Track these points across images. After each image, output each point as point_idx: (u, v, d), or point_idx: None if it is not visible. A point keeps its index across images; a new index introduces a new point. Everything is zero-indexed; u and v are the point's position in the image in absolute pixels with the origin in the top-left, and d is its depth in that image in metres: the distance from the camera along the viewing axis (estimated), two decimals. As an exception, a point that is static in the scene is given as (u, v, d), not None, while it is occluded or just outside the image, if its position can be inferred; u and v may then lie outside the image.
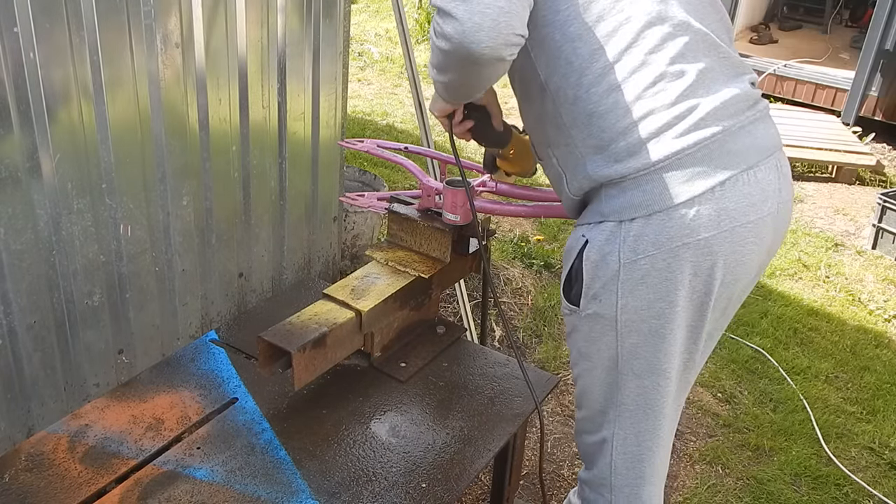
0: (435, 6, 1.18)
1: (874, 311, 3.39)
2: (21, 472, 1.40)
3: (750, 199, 1.30)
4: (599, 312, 1.37)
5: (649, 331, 1.35)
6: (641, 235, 1.29)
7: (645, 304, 1.33)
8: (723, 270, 1.32)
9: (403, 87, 6.00)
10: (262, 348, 1.49)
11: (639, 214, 1.28)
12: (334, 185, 2.66)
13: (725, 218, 1.28)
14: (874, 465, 2.50)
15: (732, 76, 1.32)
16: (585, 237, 1.35)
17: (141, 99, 1.87)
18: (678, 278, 1.30)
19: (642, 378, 1.40)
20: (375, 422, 1.57)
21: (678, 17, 1.28)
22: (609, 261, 1.32)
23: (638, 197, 1.28)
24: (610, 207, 1.31)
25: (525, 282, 3.37)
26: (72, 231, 1.82)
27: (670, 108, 1.25)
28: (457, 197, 1.67)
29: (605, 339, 1.39)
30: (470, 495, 2.24)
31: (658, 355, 1.37)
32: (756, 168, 1.30)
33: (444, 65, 1.25)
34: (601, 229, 1.33)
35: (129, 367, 2.10)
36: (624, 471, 1.49)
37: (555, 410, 2.65)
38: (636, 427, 1.45)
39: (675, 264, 1.29)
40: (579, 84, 1.28)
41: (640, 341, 1.36)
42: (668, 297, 1.32)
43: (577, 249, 1.37)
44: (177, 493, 1.37)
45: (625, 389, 1.42)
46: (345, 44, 2.47)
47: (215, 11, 1.98)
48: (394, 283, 1.68)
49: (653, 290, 1.31)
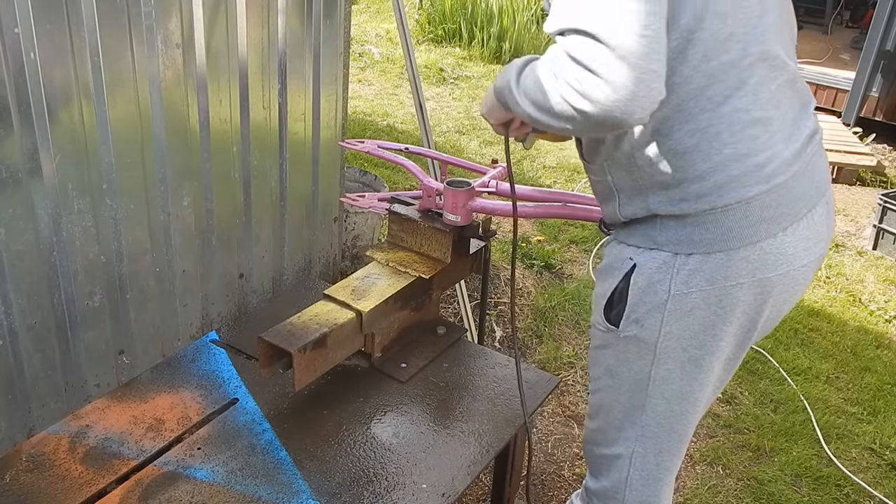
0: (574, 58, 1.04)
1: (875, 312, 3.39)
2: (22, 472, 1.40)
3: (806, 243, 1.29)
4: (640, 336, 1.34)
5: (688, 359, 1.33)
6: (697, 271, 1.26)
7: (689, 335, 1.31)
8: (770, 308, 1.31)
9: (404, 87, 6.00)
10: (262, 349, 1.49)
11: (697, 251, 1.25)
12: (335, 186, 2.66)
13: (783, 262, 1.27)
14: (875, 466, 2.50)
15: (803, 112, 1.29)
16: (633, 261, 1.31)
17: (141, 99, 1.87)
18: (728, 315, 1.29)
19: (671, 403, 1.38)
20: (376, 422, 1.57)
21: (773, 52, 1.22)
22: (658, 289, 1.29)
23: (699, 234, 1.24)
24: (666, 238, 1.27)
25: (525, 282, 3.37)
26: (72, 231, 1.82)
27: (751, 157, 1.21)
28: (457, 197, 1.67)
29: (641, 361, 1.36)
30: (470, 496, 2.24)
31: (692, 383, 1.36)
32: (813, 210, 1.29)
33: (567, 119, 1.10)
34: (653, 257, 1.29)
35: (130, 367, 2.10)
36: (640, 487, 1.48)
37: (555, 411, 2.65)
38: (657, 447, 1.44)
39: (726, 301, 1.27)
40: (665, 119, 1.20)
41: (677, 368, 1.35)
42: (713, 331, 1.30)
43: (622, 271, 1.33)
44: (177, 494, 1.37)
45: (651, 412, 1.40)
46: (345, 44, 2.47)
47: (216, 12, 1.98)
48: (394, 283, 1.68)
49: (699, 322, 1.29)
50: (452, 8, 7.33)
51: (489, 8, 7.19)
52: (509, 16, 7.07)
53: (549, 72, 1.09)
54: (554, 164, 4.78)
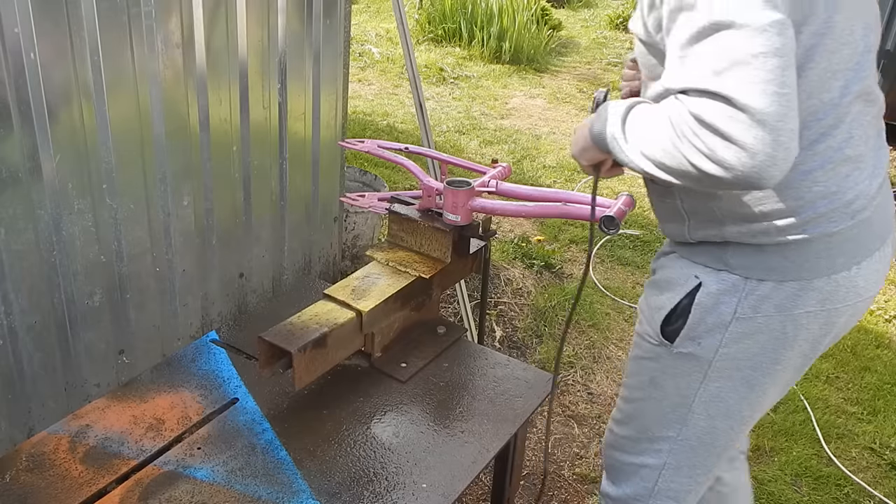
0: (704, 122, 0.97)
1: (875, 312, 3.39)
2: (22, 472, 1.40)
3: (876, 276, 1.29)
4: (694, 354, 1.32)
5: (741, 379, 1.31)
6: (767, 297, 1.24)
7: (746, 356, 1.29)
8: (832, 336, 1.31)
9: (404, 87, 6.00)
10: (262, 349, 1.49)
11: (771, 278, 1.23)
12: (335, 186, 2.66)
13: (853, 294, 1.26)
14: (875, 466, 2.50)
15: (880, 140, 1.27)
16: (699, 279, 1.28)
17: (142, 99, 1.87)
18: (791, 341, 1.27)
19: (715, 420, 1.36)
20: (376, 422, 1.57)
21: (870, 87, 1.19)
22: (722, 311, 1.27)
23: (776, 262, 1.22)
24: (738, 262, 1.25)
25: (525, 282, 3.37)
26: (72, 231, 1.82)
27: (840, 195, 1.19)
28: (457, 197, 1.67)
29: (689, 378, 1.34)
30: (470, 495, 2.24)
31: (742, 403, 1.34)
32: (884, 244, 1.29)
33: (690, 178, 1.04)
34: (721, 278, 1.26)
35: (130, 367, 2.10)
36: (666, 499, 1.46)
37: (555, 411, 2.65)
38: (691, 461, 1.42)
39: (791, 328, 1.25)
40: None
41: (727, 387, 1.33)
42: (773, 355, 1.28)
43: (686, 289, 1.30)
44: (177, 494, 1.37)
45: (692, 427, 1.38)
46: (345, 44, 2.47)
47: (216, 12, 1.98)
48: (394, 283, 1.68)
49: (760, 345, 1.27)
50: (452, 8, 7.33)
51: (489, 8, 7.19)
52: (509, 16, 7.07)
53: (671, 132, 1.03)
54: (554, 164, 4.78)
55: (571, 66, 7.32)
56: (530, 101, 6.15)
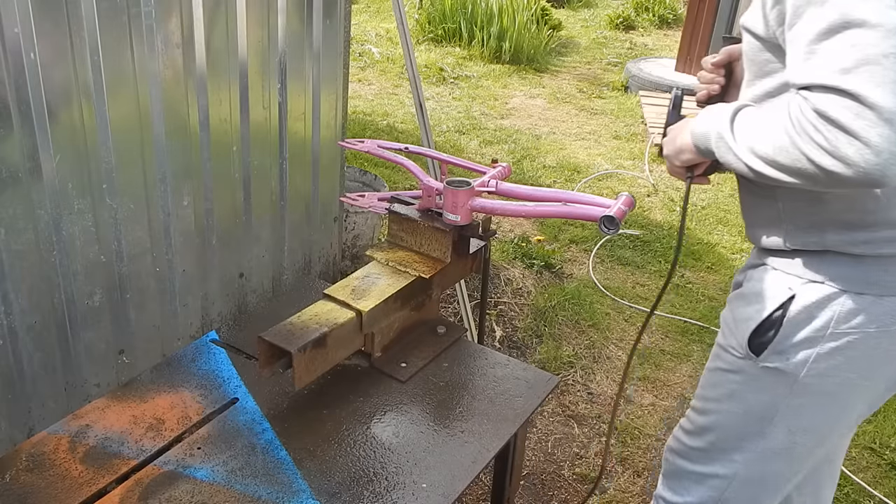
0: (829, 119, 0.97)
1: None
2: (22, 472, 1.40)
3: None
4: (781, 368, 1.28)
5: (826, 395, 1.28)
6: (864, 311, 1.20)
7: (834, 371, 1.25)
8: None
9: (404, 87, 6.00)
10: (262, 348, 1.49)
11: (870, 292, 1.19)
12: (335, 186, 2.67)
13: None
14: (875, 466, 2.50)
15: None
16: (793, 291, 1.24)
17: (142, 99, 1.87)
18: (885, 358, 1.24)
19: (795, 435, 1.33)
20: (376, 422, 1.57)
21: None
22: (815, 325, 1.23)
23: (877, 276, 1.19)
24: (836, 273, 1.21)
25: (525, 282, 3.37)
26: (72, 231, 1.82)
27: None
28: (457, 197, 1.67)
29: (773, 392, 1.31)
30: (470, 495, 2.24)
31: (826, 419, 1.31)
32: None
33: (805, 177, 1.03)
34: (817, 290, 1.22)
35: (130, 367, 2.10)
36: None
37: (555, 411, 2.65)
38: (763, 471, 1.38)
39: (887, 344, 1.22)
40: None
41: (811, 403, 1.29)
42: (864, 372, 1.25)
43: (777, 300, 1.26)
44: (177, 494, 1.37)
45: (771, 440, 1.35)
46: (345, 44, 2.47)
47: (216, 12, 1.98)
48: (394, 283, 1.68)
49: (850, 360, 1.24)
50: (452, 7, 7.33)
51: (489, 8, 7.19)
52: (509, 15, 7.08)
53: (790, 127, 1.02)
54: (554, 164, 4.78)
55: (571, 66, 7.33)
56: (530, 101, 6.16)
